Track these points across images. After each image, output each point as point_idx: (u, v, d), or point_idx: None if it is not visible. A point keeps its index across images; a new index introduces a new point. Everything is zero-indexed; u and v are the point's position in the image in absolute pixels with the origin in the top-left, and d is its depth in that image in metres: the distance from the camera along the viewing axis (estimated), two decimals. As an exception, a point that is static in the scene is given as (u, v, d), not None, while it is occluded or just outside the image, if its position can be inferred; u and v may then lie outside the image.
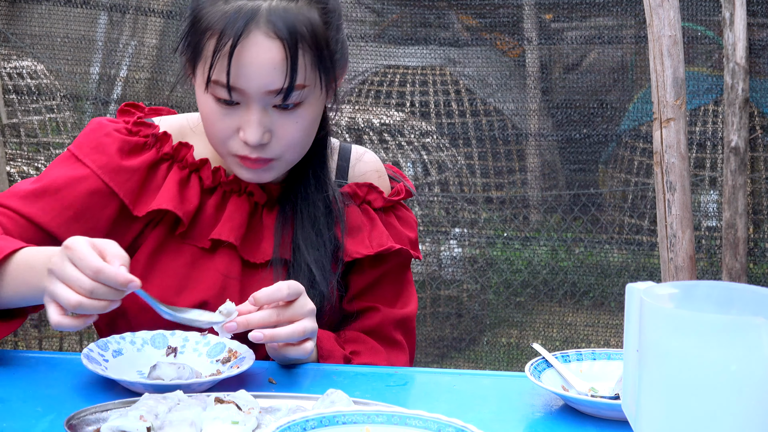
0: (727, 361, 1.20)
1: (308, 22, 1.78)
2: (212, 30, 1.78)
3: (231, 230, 1.91)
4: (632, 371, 1.31)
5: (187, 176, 1.93)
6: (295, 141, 1.84)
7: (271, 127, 1.81)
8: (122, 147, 1.91)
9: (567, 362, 1.73)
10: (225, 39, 1.76)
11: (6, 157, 4.67)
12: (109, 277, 1.58)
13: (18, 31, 5.16)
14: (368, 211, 1.99)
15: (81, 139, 1.94)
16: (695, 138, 4.57)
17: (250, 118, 1.80)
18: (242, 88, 1.78)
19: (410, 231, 2.04)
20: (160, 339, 1.81)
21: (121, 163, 1.90)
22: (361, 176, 2.03)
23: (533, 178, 5.00)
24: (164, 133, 1.94)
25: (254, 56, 1.76)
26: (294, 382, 1.74)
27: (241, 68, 1.76)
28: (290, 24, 1.76)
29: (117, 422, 1.43)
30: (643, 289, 1.29)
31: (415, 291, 2.09)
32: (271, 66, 1.77)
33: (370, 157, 2.06)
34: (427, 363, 4.69)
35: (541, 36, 4.85)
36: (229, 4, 1.78)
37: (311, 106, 1.84)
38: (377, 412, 1.40)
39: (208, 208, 1.93)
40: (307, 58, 1.79)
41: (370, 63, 5.14)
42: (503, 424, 1.59)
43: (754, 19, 4.03)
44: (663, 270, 3.61)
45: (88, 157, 1.90)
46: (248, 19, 1.76)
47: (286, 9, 1.78)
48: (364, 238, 1.97)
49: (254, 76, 1.77)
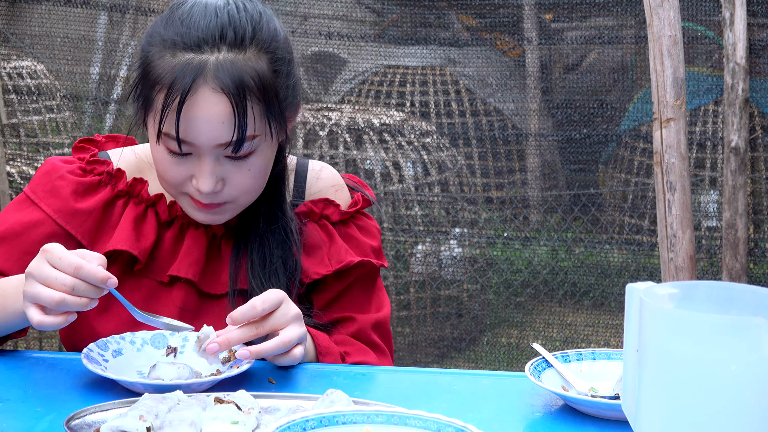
0: (727, 361, 1.20)
1: (256, 74, 1.78)
2: (161, 84, 1.78)
3: (189, 266, 1.92)
4: (632, 371, 1.31)
5: (143, 211, 1.94)
6: (249, 187, 1.85)
7: (224, 175, 1.82)
8: (76, 189, 1.93)
9: (567, 362, 1.73)
10: (173, 94, 1.76)
11: (6, 157, 4.67)
12: (89, 273, 1.63)
13: (18, 31, 5.16)
14: (326, 226, 2.00)
15: (36, 182, 1.95)
16: (695, 138, 4.57)
17: (203, 169, 1.80)
18: (193, 142, 1.78)
19: (372, 239, 2.04)
20: (160, 339, 1.81)
21: (76, 206, 1.92)
22: (317, 193, 2.03)
23: (533, 178, 5.00)
24: (118, 170, 1.95)
25: (203, 111, 1.76)
26: (294, 382, 1.74)
27: (190, 123, 1.76)
28: (237, 78, 1.76)
29: (117, 422, 1.43)
30: (643, 289, 1.29)
31: (387, 295, 2.09)
32: (220, 121, 1.76)
33: (327, 174, 2.06)
34: (427, 363, 4.69)
35: (541, 36, 4.85)
36: (177, 57, 1.77)
37: (263, 153, 1.84)
38: (377, 412, 1.40)
39: (165, 241, 1.94)
40: (256, 109, 1.78)
41: (370, 63, 5.14)
42: (503, 424, 1.59)
43: (754, 19, 4.03)
44: (663, 270, 3.61)
45: (43, 202, 1.93)
46: (196, 75, 1.75)
47: (234, 62, 1.77)
48: (323, 256, 1.97)
49: (204, 131, 1.77)
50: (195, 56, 1.77)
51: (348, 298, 2.00)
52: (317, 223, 1.99)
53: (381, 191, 4.75)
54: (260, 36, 1.80)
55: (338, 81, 5.35)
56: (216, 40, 1.78)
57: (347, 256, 1.97)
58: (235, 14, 1.80)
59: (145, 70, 1.81)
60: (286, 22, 5.09)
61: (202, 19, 1.79)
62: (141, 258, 1.91)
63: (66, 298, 1.63)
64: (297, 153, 4.71)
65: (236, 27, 1.79)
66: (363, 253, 2.01)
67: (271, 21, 1.84)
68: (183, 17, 1.80)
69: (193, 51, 1.77)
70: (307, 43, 4.92)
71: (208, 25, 1.78)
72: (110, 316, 1.90)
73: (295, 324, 1.75)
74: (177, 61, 1.77)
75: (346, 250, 1.98)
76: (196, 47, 1.77)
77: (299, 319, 1.76)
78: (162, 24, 1.83)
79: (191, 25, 1.79)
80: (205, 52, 1.77)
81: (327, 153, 4.74)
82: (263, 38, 1.81)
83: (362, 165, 4.79)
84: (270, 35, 1.82)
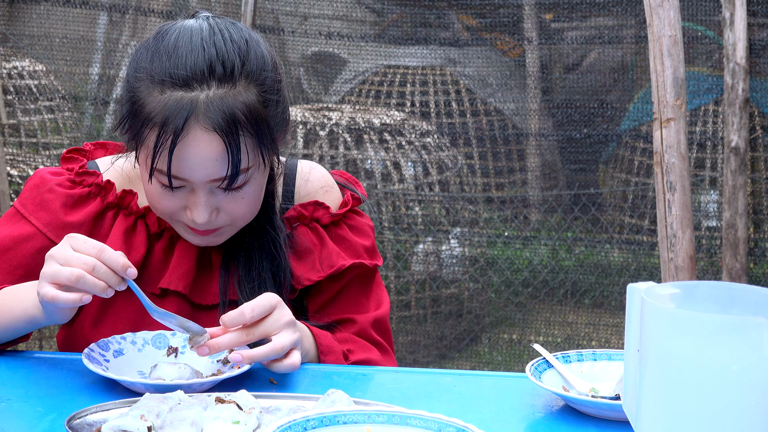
0: (728, 361, 1.20)
1: (246, 108, 1.76)
2: (152, 123, 1.76)
3: (179, 278, 1.91)
4: (633, 371, 1.31)
5: (133, 223, 1.93)
6: (244, 213, 1.84)
7: (219, 205, 1.81)
8: (66, 202, 1.92)
9: (568, 363, 1.73)
10: (165, 134, 1.74)
11: (6, 157, 4.67)
12: (111, 256, 1.65)
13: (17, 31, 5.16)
14: (317, 229, 1.98)
15: (25, 196, 1.94)
16: (695, 138, 4.57)
17: (197, 201, 1.79)
18: (186, 178, 1.77)
19: (364, 239, 2.02)
20: (161, 339, 1.81)
21: (66, 219, 1.91)
22: (306, 196, 2.02)
23: (533, 177, 5.00)
24: (107, 182, 1.94)
25: (195, 151, 1.74)
26: (294, 383, 1.74)
27: (183, 162, 1.75)
28: (228, 114, 1.74)
29: (118, 422, 1.43)
30: (644, 289, 1.29)
31: (385, 291, 2.07)
32: (213, 158, 1.75)
33: (316, 175, 2.04)
34: (428, 362, 4.69)
35: (541, 36, 4.85)
36: (166, 94, 1.75)
37: (256, 181, 1.83)
38: (378, 412, 1.40)
39: (156, 253, 1.93)
40: (248, 143, 1.77)
41: (370, 63, 5.14)
42: (504, 425, 1.59)
43: (754, 19, 4.03)
44: (663, 270, 3.61)
45: (33, 216, 1.92)
46: (187, 115, 1.73)
47: (223, 98, 1.74)
48: (315, 261, 1.96)
49: (197, 168, 1.76)
50: (185, 94, 1.74)
51: (344, 299, 1.99)
52: (308, 226, 1.98)
53: (381, 191, 4.75)
54: (249, 67, 1.78)
55: (338, 81, 5.36)
56: (205, 75, 1.75)
57: (339, 260, 1.96)
58: (222, 47, 1.77)
59: (134, 106, 1.79)
60: (286, 22, 5.10)
61: (190, 54, 1.76)
62: None
63: (85, 275, 1.64)
64: (297, 153, 4.71)
65: (224, 61, 1.76)
66: (355, 254, 1.99)
67: (258, 47, 1.82)
68: (169, 51, 1.77)
69: (183, 89, 1.74)
70: (307, 43, 4.92)
71: (195, 61, 1.75)
72: (104, 328, 1.89)
73: (288, 330, 1.74)
74: (167, 99, 1.74)
75: (337, 253, 1.97)
76: (185, 84, 1.74)
77: (292, 325, 1.75)
78: (148, 57, 1.79)
79: (178, 61, 1.75)
80: (195, 89, 1.74)
81: (327, 153, 4.74)
82: (252, 69, 1.78)
83: (362, 165, 4.79)
84: (258, 65, 1.80)
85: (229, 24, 1.82)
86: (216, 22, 1.81)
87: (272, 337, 1.72)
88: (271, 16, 5.11)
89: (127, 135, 1.82)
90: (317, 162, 4.68)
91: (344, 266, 1.96)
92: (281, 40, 5.09)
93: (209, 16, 1.83)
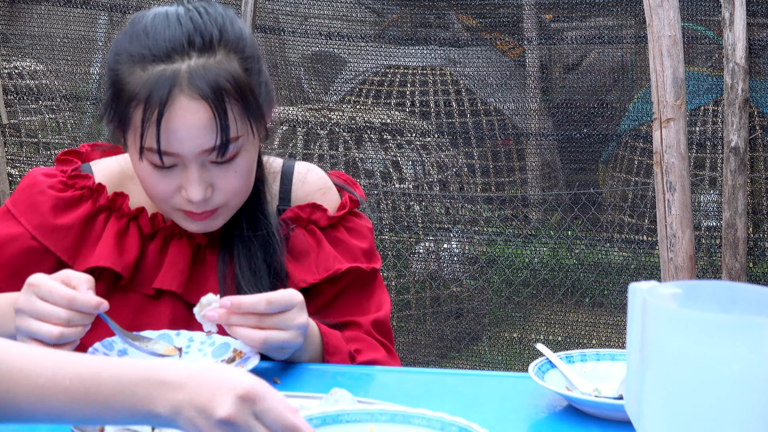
0: (730, 360, 1.20)
1: (229, 75, 1.76)
2: (136, 100, 1.76)
3: (173, 278, 1.91)
4: (635, 371, 1.31)
5: (125, 225, 1.92)
6: (238, 189, 1.84)
7: (212, 181, 1.81)
8: (56, 205, 1.91)
9: (571, 363, 1.74)
10: (151, 108, 1.73)
11: (6, 157, 4.67)
12: (83, 303, 1.65)
13: (18, 31, 5.16)
14: (314, 231, 1.97)
15: (17, 196, 1.94)
16: (695, 138, 4.58)
17: (190, 177, 1.79)
18: (177, 152, 1.77)
19: (362, 241, 2.01)
20: (166, 339, 1.82)
21: (55, 222, 1.90)
22: (304, 197, 2.01)
23: (533, 177, 5.01)
24: (99, 185, 1.93)
25: (183, 121, 1.74)
26: (298, 382, 1.75)
27: (172, 134, 1.75)
28: (213, 81, 1.75)
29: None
30: (646, 289, 1.30)
31: (386, 292, 2.06)
32: (202, 127, 1.75)
33: (313, 177, 2.04)
34: (428, 362, 4.69)
35: (541, 36, 4.85)
36: (148, 70, 1.75)
37: (247, 153, 1.83)
38: (381, 411, 1.41)
39: (149, 254, 1.93)
40: (235, 110, 1.77)
41: (370, 63, 5.15)
42: (507, 424, 1.59)
43: (754, 19, 4.04)
44: (663, 270, 3.61)
45: (23, 216, 1.91)
46: (171, 85, 1.73)
47: (206, 66, 1.75)
48: (311, 263, 1.95)
49: (187, 140, 1.75)
50: (166, 66, 1.75)
51: (343, 302, 1.98)
52: (304, 228, 1.97)
53: (381, 191, 4.76)
54: (227, 37, 1.79)
55: (338, 81, 5.36)
56: (185, 47, 1.76)
57: (335, 264, 1.95)
58: (198, 19, 1.78)
59: (117, 89, 1.79)
60: (286, 22, 5.10)
61: (167, 29, 1.77)
62: (124, 274, 1.89)
63: (64, 331, 1.65)
64: (297, 153, 4.71)
65: (202, 32, 1.77)
66: (352, 257, 1.98)
67: (235, 21, 1.83)
68: (147, 29, 1.78)
69: (164, 62, 1.75)
70: (307, 43, 4.92)
71: (174, 34, 1.76)
72: (98, 331, 1.89)
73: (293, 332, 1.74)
74: (149, 75, 1.75)
75: (334, 256, 1.96)
76: (165, 57, 1.75)
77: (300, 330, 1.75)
78: (126, 40, 1.80)
79: (157, 36, 1.77)
80: (176, 61, 1.75)
81: (327, 153, 4.74)
82: (230, 39, 1.79)
83: (362, 165, 4.79)
84: (236, 35, 1.81)
85: (204, 3, 1.84)
86: (190, 4, 1.83)
87: None
88: (271, 16, 5.11)
89: (114, 122, 1.82)
90: (317, 162, 4.69)
91: (340, 270, 1.95)
92: (281, 40, 5.09)
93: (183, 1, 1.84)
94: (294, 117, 4.75)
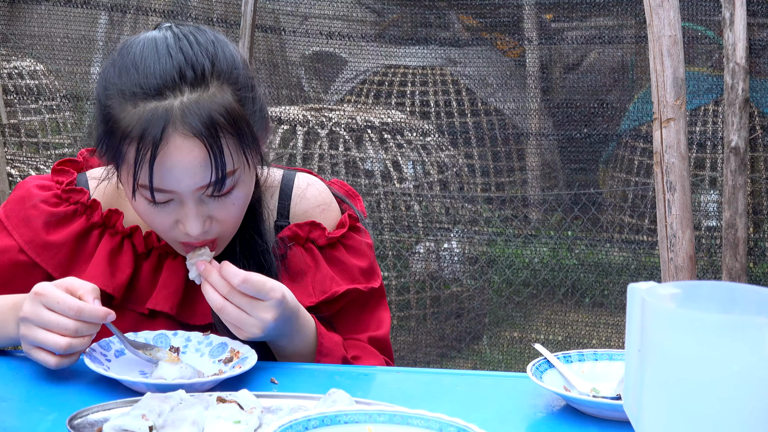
0: (729, 361, 1.20)
1: (223, 109, 1.71)
2: (129, 138, 1.70)
3: (166, 298, 1.88)
4: (634, 371, 1.31)
5: (119, 243, 1.90)
6: (236, 219, 1.81)
7: (210, 213, 1.77)
8: (48, 221, 1.88)
9: (569, 363, 1.73)
10: (144, 148, 1.69)
11: (6, 157, 4.67)
12: (91, 314, 1.65)
13: (18, 31, 5.16)
14: (312, 249, 1.94)
15: (11, 207, 1.91)
16: (695, 138, 4.57)
17: (188, 213, 1.75)
18: (172, 190, 1.74)
19: (361, 260, 1.98)
20: (163, 339, 1.81)
21: (47, 239, 1.88)
22: (302, 214, 1.97)
23: (533, 177, 5.00)
24: (93, 201, 1.90)
25: (178, 160, 1.70)
26: (296, 382, 1.74)
27: (167, 173, 1.71)
28: (206, 117, 1.70)
29: (119, 421, 1.43)
30: (645, 289, 1.29)
31: (387, 311, 2.03)
32: (197, 165, 1.71)
33: (313, 192, 1.99)
34: (428, 362, 4.69)
35: (541, 36, 4.85)
36: (139, 107, 1.70)
37: (244, 184, 1.79)
38: (379, 411, 1.40)
39: (143, 273, 1.90)
40: (230, 144, 1.73)
41: (370, 63, 5.14)
42: (505, 425, 1.59)
43: (754, 19, 4.03)
44: (663, 270, 3.61)
45: (15, 230, 1.89)
46: (164, 124, 1.68)
47: (199, 102, 1.70)
48: (308, 284, 1.92)
49: (182, 178, 1.72)
50: (158, 103, 1.70)
51: (342, 321, 1.96)
52: (303, 246, 1.94)
53: (381, 191, 4.75)
54: (219, 67, 1.74)
55: (338, 81, 5.36)
56: (176, 82, 1.71)
57: (333, 286, 1.92)
58: (189, 50, 1.73)
59: (109, 125, 1.74)
60: (286, 22, 5.10)
61: (157, 63, 1.72)
62: (115, 294, 1.87)
63: (72, 342, 1.65)
64: (297, 153, 4.71)
65: (194, 64, 1.72)
66: (350, 278, 1.95)
67: (227, 47, 1.78)
68: (136, 62, 1.73)
69: (155, 98, 1.70)
70: (307, 43, 4.92)
71: (164, 68, 1.71)
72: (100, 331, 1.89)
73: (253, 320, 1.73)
74: (141, 112, 1.70)
75: (331, 278, 1.93)
76: (157, 94, 1.70)
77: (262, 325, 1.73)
78: (115, 73, 1.75)
79: (147, 70, 1.71)
80: (168, 97, 1.70)
81: (327, 153, 4.74)
82: (223, 69, 1.74)
83: (362, 165, 4.79)
84: (228, 64, 1.76)
85: (193, 29, 1.79)
86: (180, 30, 1.77)
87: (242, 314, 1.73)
88: (271, 16, 5.11)
89: (107, 156, 1.78)
90: (317, 161, 4.69)
91: (338, 292, 1.92)
92: (281, 40, 5.09)
93: (171, 26, 1.79)
94: (294, 117, 4.75)
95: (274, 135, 4.66)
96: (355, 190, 2.07)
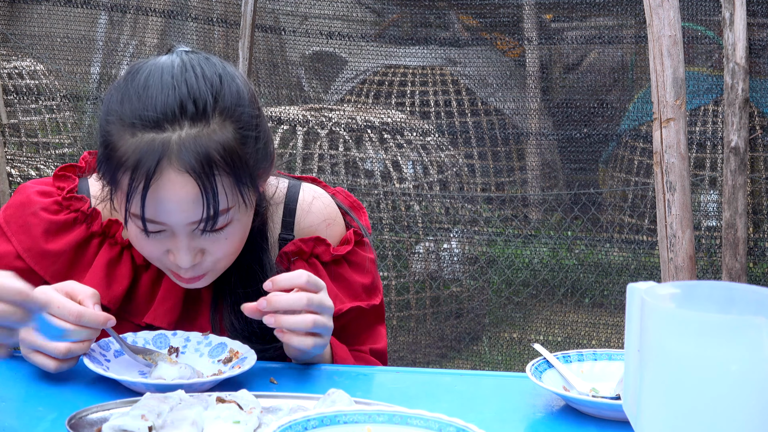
0: (728, 360, 1.20)
1: (221, 147, 1.68)
2: (124, 167, 1.68)
3: (164, 314, 1.87)
4: (633, 371, 1.31)
5: (119, 253, 1.88)
6: (229, 253, 1.79)
7: (202, 247, 1.75)
8: (48, 229, 1.86)
9: (568, 363, 1.73)
10: (138, 178, 1.67)
11: (6, 157, 4.67)
12: (91, 319, 1.65)
13: (18, 31, 5.17)
14: (316, 265, 1.92)
15: (10, 213, 1.90)
16: (695, 138, 4.58)
17: (179, 245, 1.74)
18: (163, 222, 1.72)
19: (364, 276, 1.96)
20: (162, 339, 1.81)
21: (46, 248, 1.86)
22: (308, 228, 1.95)
23: (533, 177, 5.01)
24: (93, 210, 1.88)
25: (170, 194, 1.67)
26: (295, 382, 1.74)
27: (159, 205, 1.68)
28: (203, 155, 1.66)
29: (118, 421, 1.43)
30: (644, 289, 1.29)
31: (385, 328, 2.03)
32: (189, 201, 1.69)
33: (318, 207, 1.96)
34: (428, 362, 4.69)
35: (541, 36, 4.85)
36: (137, 137, 1.68)
37: (239, 221, 1.76)
38: (378, 411, 1.41)
39: (142, 285, 1.89)
40: (225, 183, 1.70)
41: (370, 63, 5.15)
42: (504, 425, 1.59)
43: (754, 19, 4.03)
44: (663, 270, 3.61)
45: (15, 237, 1.87)
46: (159, 157, 1.66)
47: (197, 138, 1.67)
48: None
49: (174, 212, 1.70)
50: (156, 136, 1.67)
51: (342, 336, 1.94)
52: (306, 261, 1.92)
53: (381, 191, 4.75)
54: (222, 103, 1.71)
55: (338, 81, 5.36)
56: (176, 115, 1.67)
57: (336, 303, 1.88)
58: (193, 83, 1.70)
59: (107, 150, 1.72)
60: (286, 22, 5.10)
61: (160, 94, 1.69)
62: (111, 306, 1.85)
63: (71, 347, 1.65)
64: (297, 153, 4.71)
65: (196, 99, 1.68)
66: (353, 296, 1.94)
67: (233, 82, 1.74)
68: (139, 91, 1.70)
69: (154, 130, 1.67)
70: (307, 43, 4.92)
71: (166, 101, 1.68)
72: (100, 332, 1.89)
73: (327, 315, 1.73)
74: (138, 142, 1.67)
75: (335, 295, 1.90)
76: (156, 126, 1.67)
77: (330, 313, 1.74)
78: (118, 99, 1.73)
79: (148, 102, 1.69)
80: (167, 130, 1.67)
81: (327, 153, 4.74)
82: (226, 105, 1.71)
83: (362, 165, 4.79)
84: (233, 100, 1.73)
85: (202, 59, 1.75)
86: (189, 58, 1.75)
87: None
88: (271, 16, 5.11)
89: (104, 179, 1.76)
90: (317, 161, 4.69)
91: (341, 311, 1.91)
92: (281, 40, 5.09)
93: (183, 51, 1.77)
94: (294, 117, 4.75)
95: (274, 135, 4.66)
96: (360, 202, 2.05)
